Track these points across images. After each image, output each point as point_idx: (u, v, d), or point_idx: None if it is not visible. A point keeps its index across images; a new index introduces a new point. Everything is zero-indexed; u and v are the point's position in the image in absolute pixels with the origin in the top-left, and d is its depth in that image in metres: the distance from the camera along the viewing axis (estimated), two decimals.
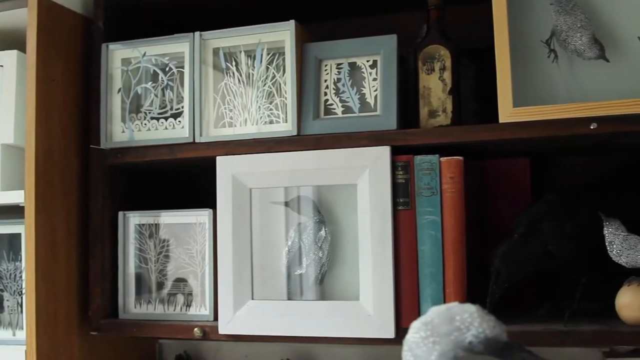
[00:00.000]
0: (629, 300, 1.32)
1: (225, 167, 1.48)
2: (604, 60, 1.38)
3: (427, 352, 0.92)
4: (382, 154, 1.39)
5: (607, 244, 1.34)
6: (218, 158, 1.49)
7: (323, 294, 1.46)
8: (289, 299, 1.47)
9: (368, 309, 1.40)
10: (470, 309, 0.94)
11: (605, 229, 1.34)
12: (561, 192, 1.44)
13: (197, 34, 1.55)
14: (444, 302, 1.39)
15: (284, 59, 1.49)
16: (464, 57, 1.54)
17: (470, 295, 1.40)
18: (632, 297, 1.32)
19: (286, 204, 1.47)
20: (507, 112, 1.36)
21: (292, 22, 1.48)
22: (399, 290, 1.40)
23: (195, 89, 1.53)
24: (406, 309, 1.39)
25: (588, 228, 1.36)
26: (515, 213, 1.42)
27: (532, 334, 1.34)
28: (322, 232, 1.46)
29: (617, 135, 1.36)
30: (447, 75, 1.44)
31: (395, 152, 1.42)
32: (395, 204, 1.40)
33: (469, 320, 0.93)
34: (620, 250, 1.33)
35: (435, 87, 1.44)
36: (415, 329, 0.95)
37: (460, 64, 1.52)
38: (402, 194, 1.40)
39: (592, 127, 1.32)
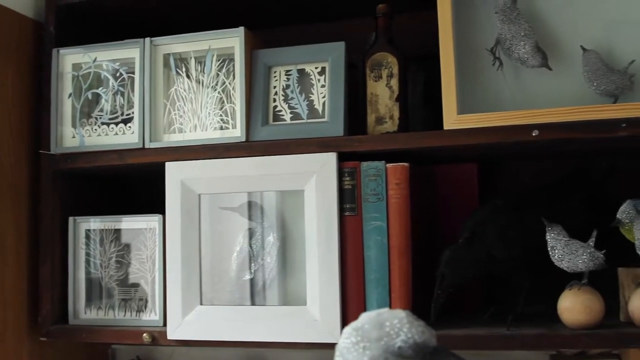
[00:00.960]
0: (570, 304, 1.35)
1: (174, 172, 1.49)
2: (546, 68, 1.40)
3: (358, 357, 0.93)
4: (328, 160, 1.40)
5: (549, 249, 1.36)
6: (167, 164, 1.49)
7: (271, 299, 1.47)
8: (238, 304, 1.47)
9: (315, 314, 1.41)
10: (400, 314, 0.95)
11: (547, 234, 1.36)
12: (506, 198, 1.46)
13: (147, 39, 1.55)
14: (390, 306, 1.40)
15: (233, 65, 1.50)
16: (414, 64, 1.56)
17: (417, 299, 1.42)
18: (573, 301, 1.35)
19: (235, 209, 1.48)
20: (452, 119, 1.37)
21: (241, 29, 1.49)
22: (345, 295, 1.41)
23: (146, 95, 1.54)
24: (352, 313, 1.40)
25: (531, 233, 1.39)
26: (465, 218, 1.44)
27: (476, 337, 1.36)
28: (271, 238, 1.46)
29: (562, 142, 1.38)
30: (395, 82, 1.46)
31: (343, 158, 1.43)
32: (341, 210, 1.41)
33: (398, 325, 0.94)
34: (561, 255, 1.35)
35: (383, 94, 1.46)
36: (346, 334, 0.96)
37: (410, 71, 1.54)
38: (348, 199, 1.41)
39: (534, 134, 1.34)
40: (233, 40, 1.50)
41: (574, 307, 1.34)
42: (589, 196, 1.50)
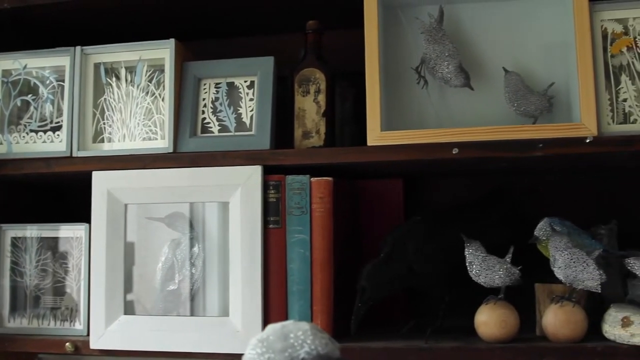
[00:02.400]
0: (486, 318, 1.38)
1: (101, 182, 1.49)
2: (469, 88, 1.44)
3: None
4: (254, 173, 1.42)
5: (467, 264, 1.39)
6: (93, 173, 1.50)
7: (195, 310, 1.47)
8: (162, 314, 1.48)
9: (237, 325, 1.42)
10: (304, 327, 0.96)
11: (466, 250, 1.40)
12: (427, 214, 1.49)
13: (78, 48, 1.55)
14: (312, 319, 1.41)
15: (163, 77, 1.51)
16: (344, 80, 1.58)
17: (339, 312, 1.44)
18: (488, 315, 1.38)
19: (161, 220, 1.48)
20: (375, 135, 1.40)
21: (172, 41, 1.50)
22: (268, 307, 1.42)
23: (75, 103, 1.54)
24: None
25: (451, 249, 1.42)
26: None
27: (394, 350, 1.38)
28: (196, 249, 1.47)
29: (481, 161, 1.41)
30: (322, 97, 1.48)
31: (269, 171, 1.44)
32: (266, 223, 1.42)
33: (302, 337, 0.95)
34: (479, 271, 1.39)
35: (310, 109, 1.48)
36: (252, 345, 0.97)
37: (340, 87, 1.56)
38: (273, 212, 1.43)
39: (454, 152, 1.37)
40: (164, 51, 1.51)
41: (490, 321, 1.37)
42: (509, 214, 1.53)
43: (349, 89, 1.58)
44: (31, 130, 1.57)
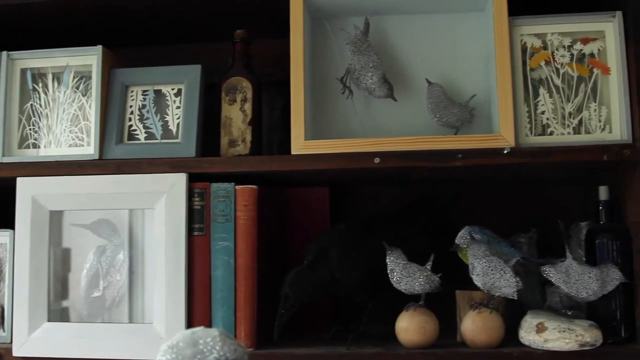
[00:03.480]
0: (406, 325, 1.40)
1: (25, 188, 1.48)
2: (392, 99, 1.46)
3: None
4: (178, 181, 1.43)
5: (388, 271, 1.42)
6: (18, 179, 1.49)
7: (119, 317, 1.47)
8: (86, 321, 1.47)
9: (161, 332, 1.42)
10: (213, 333, 0.98)
11: (387, 257, 1.42)
12: (351, 222, 1.51)
13: (4, 53, 1.54)
14: (235, 325, 1.43)
15: (91, 83, 1.51)
16: (273, 89, 1.60)
17: (263, 319, 1.45)
18: (409, 321, 1.40)
19: (86, 227, 1.48)
20: (299, 144, 1.42)
21: (99, 47, 1.51)
22: (192, 313, 1.43)
23: (0, 109, 1.52)
24: None
25: (373, 256, 1.44)
26: None
27: (316, 356, 1.40)
28: (121, 256, 1.47)
29: (403, 170, 1.44)
30: (248, 106, 1.49)
31: (195, 179, 1.45)
32: (190, 230, 1.43)
33: (211, 343, 0.97)
34: (400, 278, 1.41)
35: (236, 117, 1.49)
36: (162, 352, 0.98)
37: (269, 95, 1.58)
38: (197, 220, 1.43)
39: (376, 162, 1.39)
40: (91, 57, 1.51)
41: (410, 327, 1.40)
42: (433, 222, 1.56)
43: (277, 98, 1.60)
44: None
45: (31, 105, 1.54)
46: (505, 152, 1.39)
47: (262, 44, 1.60)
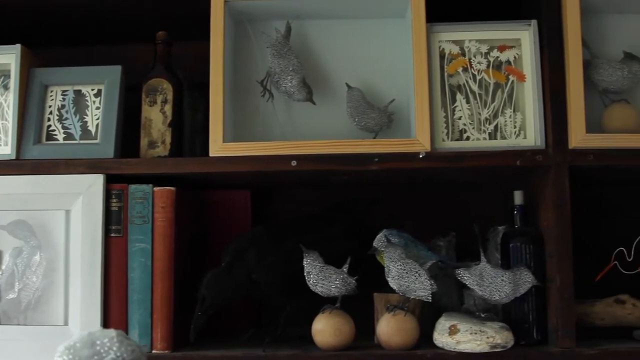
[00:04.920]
0: (322, 327, 1.41)
1: None
2: (311, 102, 1.47)
3: None
4: (95, 182, 1.42)
5: (305, 274, 1.42)
6: None
7: (35, 319, 1.46)
8: (1, 323, 1.45)
9: (76, 334, 1.40)
10: (111, 334, 0.98)
11: (304, 260, 1.43)
12: (269, 224, 1.52)
13: None
14: (152, 327, 1.42)
15: (9, 82, 1.49)
16: (197, 91, 1.59)
17: (181, 320, 1.45)
18: (324, 323, 1.41)
19: (2, 227, 1.46)
20: (217, 146, 1.42)
21: (18, 46, 1.49)
22: (108, 315, 1.42)
23: None
24: None
25: (291, 259, 1.45)
26: None
27: (232, 358, 1.40)
28: (37, 257, 1.46)
29: (320, 173, 1.45)
30: (168, 108, 1.49)
31: (114, 180, 1.44)
32: (107, 231, 1.43)
33: (108, 344, 0.97)
34: (316, 280, 1.42)
35: (156, 119, 1.49)
36: (59, 353, 0.98)
37: (192, 97, 1.58)
38: (115, 221, 1.43)
39: (293, 164, 1.40)
40: (9, 56, 1.49)
41: (325, 329, 1.41)
42: (353, 225, 1.58)
43: (201, 100, 1.59)
44: None
45: None
46: (420, 156, 1.41)
47: (187, 46, 1.60)
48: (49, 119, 1.50)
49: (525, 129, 1.46)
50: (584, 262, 1.45)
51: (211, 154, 1.41)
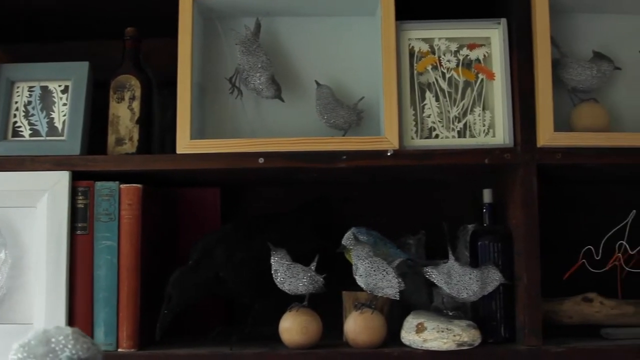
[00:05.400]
0: (289, 325, 1.41)
1: None
2: (279, 100, 1.47)
3: None
4: (61, 179, 1.41)
5: (273, 272, 1.42)
6: None
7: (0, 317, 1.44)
8: None
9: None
10: (66, 331, 0.97)
11: (272, 257, 1.42)
12: (238, 222, 1.51)
13: None
14: (118, 326, 1.41)
15: None
16: (166, 88, 1.58)
17: (147, 319, 1.44)
18: (291, 321, 1.41)
19: None
20: (185, 143, 1.41)
21: None
22: (73, 313, 1.41)
23: None
24: None
25: (259, 257, 1.44)
26: None
27: (198, 357, 1.39)
28: (2, 255, 1.44)
29: (288, 170, 1.44)
30: (136, 105, 1.48)
31: (80, 177, 1.43)
32: (73, 229, 1.41)
33: (63, 342, 0.96)
34: (284, 278, 1.42)
35: (124, 115, 1.48)
36: (14, 350, 0.97)
37: (162, 95, 1.57)
38: (80, 218, 1.42)
39: (260, 162, 1.40)
40: None
41: (292, 327, 1.40)
42: (323, 223, 1.57)
43: (170, 97, 1.58)
44: None
45: None
46: (388, 154, 1.40)
47: (158, 42, 1.59)
48: (15, 115, 1.48)
49: (494, 127, 1.46)
50: (552, 261, 1.46)
51: (178, 151, 1.41)
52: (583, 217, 1.69)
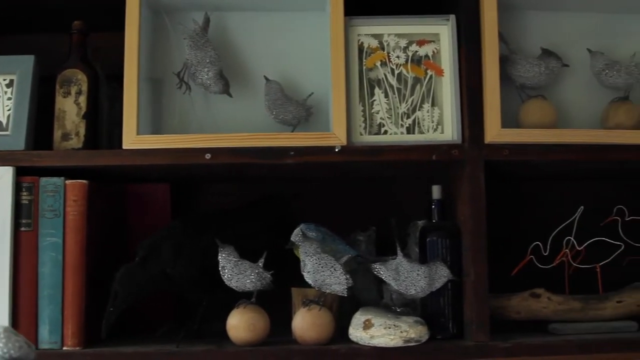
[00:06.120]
0: (236, 322, 1.40)
1: None
2: (228, 95, 1.46)
3: None
4: (4, 174, 1.39)
5: (220, 268, 1.41)
6: None
7: None
8: None
9: None
10: None
11: (219, 254, 1.41)
12: (186, 218, 1.50)
13: None
14: (62, 323, 1.39)
15: None
16: (115, 82, 1.56)
17: (94, 316, 1.42)
18: (238, 318, 1.40)
19: None
20: (131, 139, 1.40)
21: None
22: (17, 311, 1.39)
23: None
24: (24, 330, 1.38)
25: (207, 253, 1.43)
26: None
27: (145, 354, 1.38)
28: None
29: (236, 166, 1.44)
30: (83, 99, 1.46)
31: (25, 172, 1.41)
32: (17, 225, 1.39)
33: None
34: (231, 275, 1.41)
35: (70, 110, 1.46)
36: None
37: (111, 89, 1.55)
38: (25, 215, 1.40)
39: (207, 157, 1.39)
40: None
41: (239, 324, 1.40)
42: (272, 219, 1.56)
43: (119, 92, 1.56)
44: None
45: None
46: (336, 150, 1.40)
47: (107, 36, 1.57)
48: None
49: (442, 123, 1.47)
50: (500, 256, 1.46)
51: (124, 147, 1.39)
52: (531, 213, 1.70)
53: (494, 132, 1.40)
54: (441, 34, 1.49)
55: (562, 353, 1.40)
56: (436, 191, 1.50)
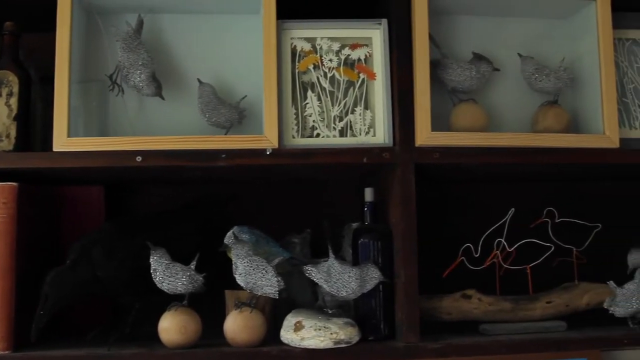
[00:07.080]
0: (167, 325, 1.40)
1: None
2: (160, 98, 1.46)
3: None
4: None
5: (152, 271, 1.41)
6: None
7: None
8: None
9: None
10: None
11: (151, 257, 1.41)
12: (117, 221, 1.49)
13: None
14: None
15: None
16: (49, 85, 1.55)
17: (24, 320, 1.41)
18: (170, 321, 1.40)
19: None
20: (61, 141, 1.39)
21: None
22: None
23: None
24: None
25: (138, 256, 1.43)
26: None
27: (74, 357, 1.38)
28: None
29: (168, 169, 1.43)
30: (14, 101, 1.45)
31: None
32: None
33: None
34: (162, 278, 1.41)
35: (1, 112, 1.45)
36: None
37: (46, 91, 1.54)
38: None
39: (138, 160, 1.38)
40: None
41: (171, 327, 1.40)
42: (205, 222, 1.57)
43: (53, 94, 1.55)
44: None
45: None
46: (268, 153, 1.41)
47: (41, 38, 1.55)
48: None
49: (375, 126, 1.48)
50: (432, 258, 1.48)
51: (55, 149, 1.39)
52: (463, 215, 1.73)
53: (425, 135, 1.42)
54: (373, 37, 1.50)
55: (491, 353, 1.43)
56: (368, 194, 1.52)
